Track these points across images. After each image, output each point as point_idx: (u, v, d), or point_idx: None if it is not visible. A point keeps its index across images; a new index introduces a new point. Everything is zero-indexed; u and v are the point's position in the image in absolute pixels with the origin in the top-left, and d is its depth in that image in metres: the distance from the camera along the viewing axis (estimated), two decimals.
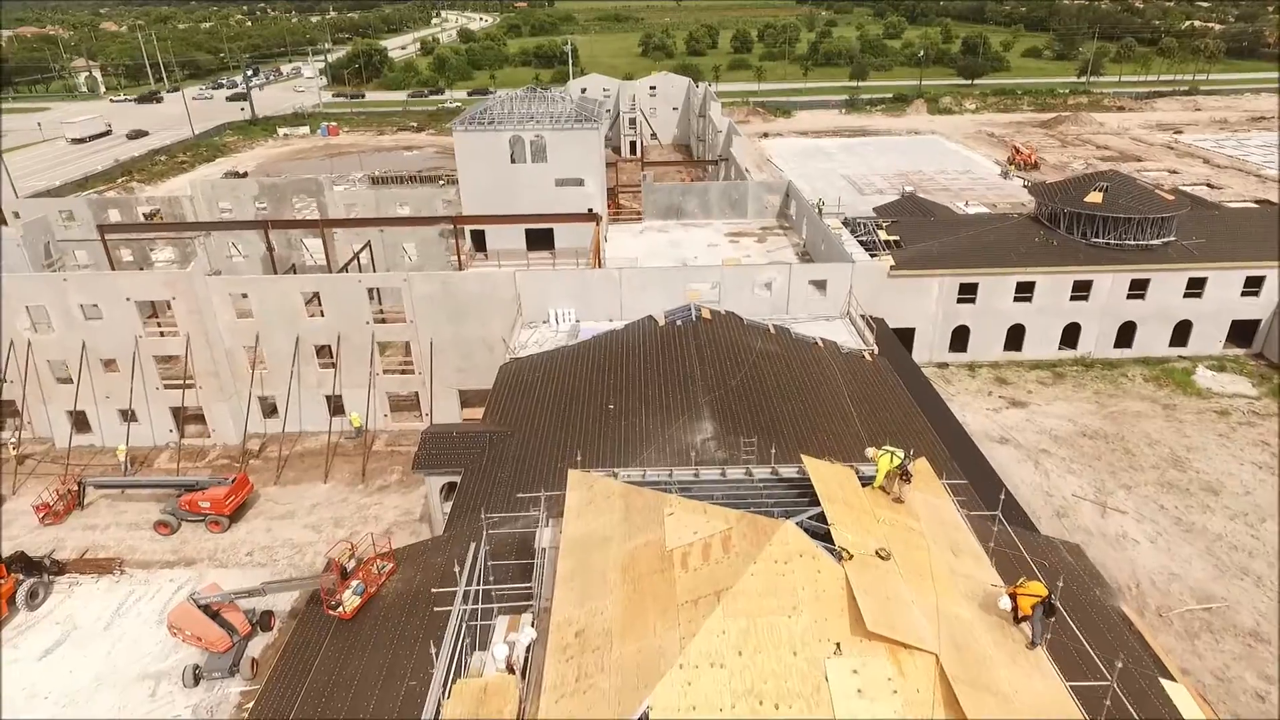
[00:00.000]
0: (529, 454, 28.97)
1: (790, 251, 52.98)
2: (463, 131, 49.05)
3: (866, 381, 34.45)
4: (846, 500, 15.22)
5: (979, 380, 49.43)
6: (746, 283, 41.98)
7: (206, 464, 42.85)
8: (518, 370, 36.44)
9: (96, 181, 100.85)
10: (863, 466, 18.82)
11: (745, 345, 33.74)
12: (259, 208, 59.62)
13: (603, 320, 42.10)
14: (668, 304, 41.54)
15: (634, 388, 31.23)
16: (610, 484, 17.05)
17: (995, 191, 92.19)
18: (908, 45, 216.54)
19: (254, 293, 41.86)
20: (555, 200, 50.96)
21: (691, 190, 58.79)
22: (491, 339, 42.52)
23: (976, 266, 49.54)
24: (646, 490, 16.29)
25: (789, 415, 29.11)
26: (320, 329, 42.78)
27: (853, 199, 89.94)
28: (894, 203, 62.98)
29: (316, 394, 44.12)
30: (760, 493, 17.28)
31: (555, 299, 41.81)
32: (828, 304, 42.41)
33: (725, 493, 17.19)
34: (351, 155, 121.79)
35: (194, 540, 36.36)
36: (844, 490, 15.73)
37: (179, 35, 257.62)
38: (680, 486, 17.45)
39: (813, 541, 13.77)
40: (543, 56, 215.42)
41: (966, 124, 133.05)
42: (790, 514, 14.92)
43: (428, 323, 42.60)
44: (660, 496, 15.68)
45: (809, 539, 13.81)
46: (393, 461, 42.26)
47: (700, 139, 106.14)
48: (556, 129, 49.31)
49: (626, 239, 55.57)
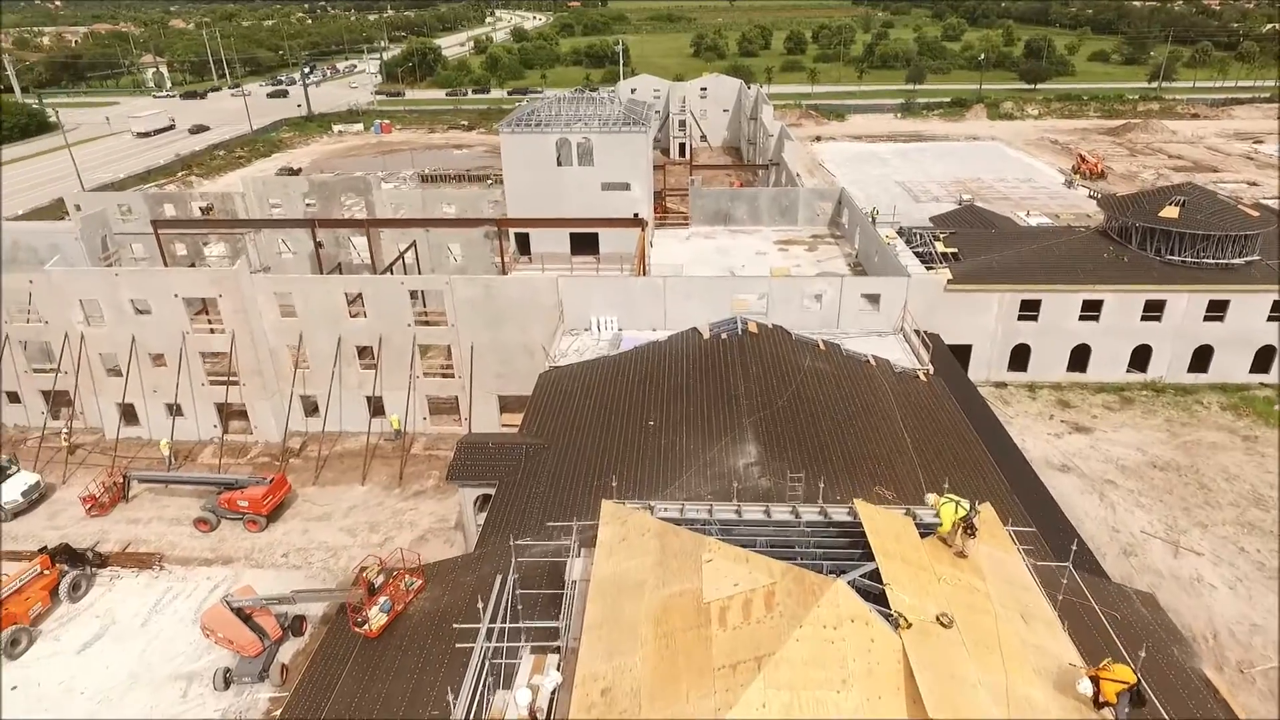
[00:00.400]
0: (565, 469, 28.05)
1: (842, 262, 51.20)
2: (509, 133, 48.50)
3: (921, 404, 32.71)
4: (904, 555, 13.86)
5: (1040, 402, 47.01)
6: (795, 295, 40.49)
7: (248, 461, 43.05)
8: (557, 379, 35.60)
9: (157, 175, 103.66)
10: (920, 510, 17.37)
11: (793, 362, 32.32)
12: (308, 205, 60.10)
13: (645, 329, 41.08)
14: (713, 315, 40.32)
15: (675, 403, 30.10)
16: (645, 520, 15.96)
17: (1059, 201, 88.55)
18: (967, 48, 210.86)
19: (298, 292, 41.87)
20: (601, 204, 50.09)
21: (740, 196, 57.37)
22: (532, 345, 41.81)
23: (1040, 282, 47.12)
24: (684, 531, 15.15)
25: (838, 440, 27.63)
26: (362, 330, 42.62)
27: (907, 207, 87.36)
28: (952, 213, 60.61)
29: (357, 395, 44.01)
30: (808, 539, 15.98)
31: (598, 306, 40.91)
32: (880, 319, 40.65)
33: (769, 537, 15.95)
34: (403, 153, 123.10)
35: (232, 539, 36.41)
36: (901, 543, 14.35)
37: (242, 32, 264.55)
38: (721, 527, 16.26)
39: (866, 604, 12.47)
40: (594, 56, 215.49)
41: (1028, 130, 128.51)
42: (841, 569, 13.63)
43: (469, 327, 42.10)
44: (698, 539, 14.53)
45: (862, 602, 12.50)
46: (430, 466, 41.85)
47: (751, 142, 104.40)
48: (604, 132, 48.42)
49: (673, 245, 54.43)
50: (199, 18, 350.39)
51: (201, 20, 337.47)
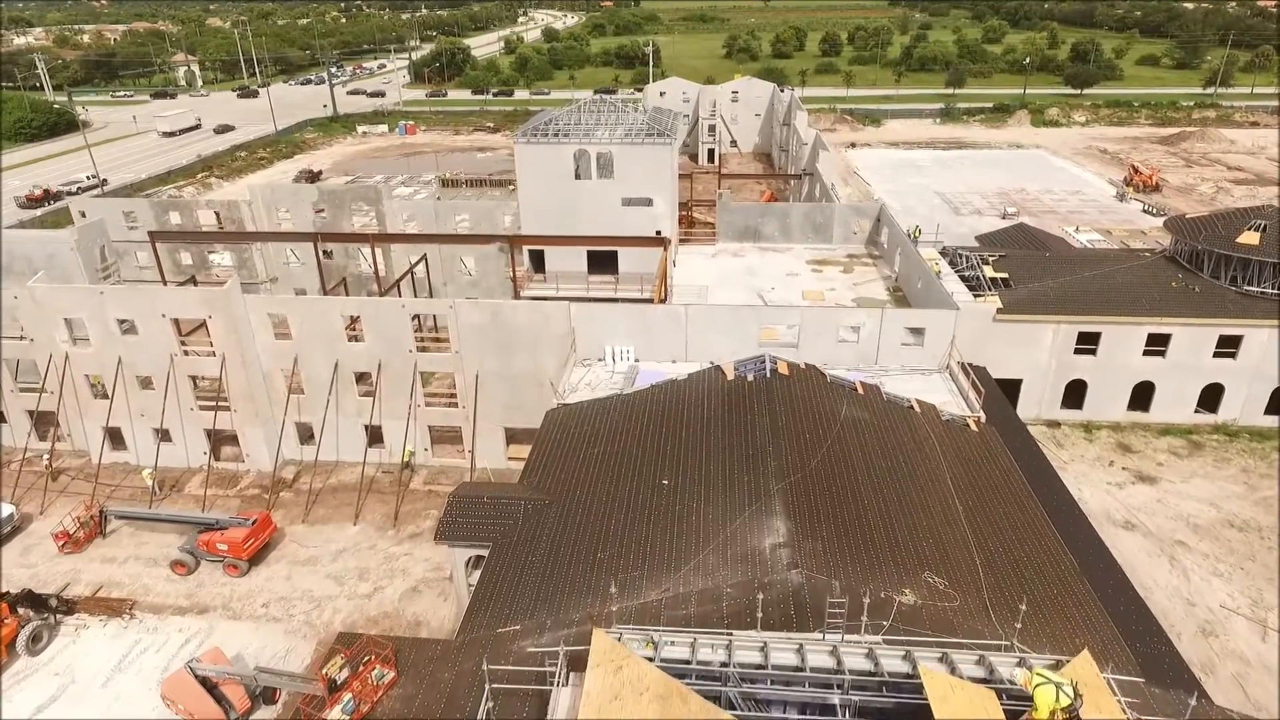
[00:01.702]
0: (566, 538, 24.69)
1: (880, 285, 47.27)
2: (524, 143, 45.31)
3: (973, 461, 28.85)
4: None
5: (1097, 445, 42.73)
6: (830, 326, 36.76)
7: (237, 493, 40.37)
8: (565, 419, 32.30)
9: (177, 176, 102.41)
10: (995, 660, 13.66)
11: (828, 410, 28.65)
12: (318, 213, 57.57)
13: (665, 360, 37.66)
14: (738, 346, 36.84)
15: (693, 458, 26.62)
16: (644, 670, 12.56)
17: (1110, 216, 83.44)
18: (1009, 51, 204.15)
19: (293, 313, 39.09)
20: (620, 220, 46.73)
21: (771, 211, 53.63)
22: (542, 374, 38.58)
23: (1100, 313, 42.90)
24: (692, 698, 11.79)
25: (880, 510, 23.93)
26: (361, 354, 39.71)
27: (947, 219, 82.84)
28: (1000, 232, 56.25)
29: (355, 423, 41.13)
30: (851, 701, 12.47)
31: (613, 335, 37.55)
32: (925, 355, 36.77)
33: (803, 698, 12.49)
34: (427, 155, 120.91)
35: (210, 583, 33.63)
36: None
37: (275, 31, 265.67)
38: (741, 674, 12.81)
39: None
40: (624, 57, 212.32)
41: (1075, 138, 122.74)
42: None
43: (474, 354, 39.00)
44: (709, 711, 11.14)
45: None
46: (428, 504, 38.81)
47: (783, 149, 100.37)
48: (625, 143, 45.03)
49: (698, 263, 50.89)
50: (235, 16, 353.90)
51: (237, 19, 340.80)
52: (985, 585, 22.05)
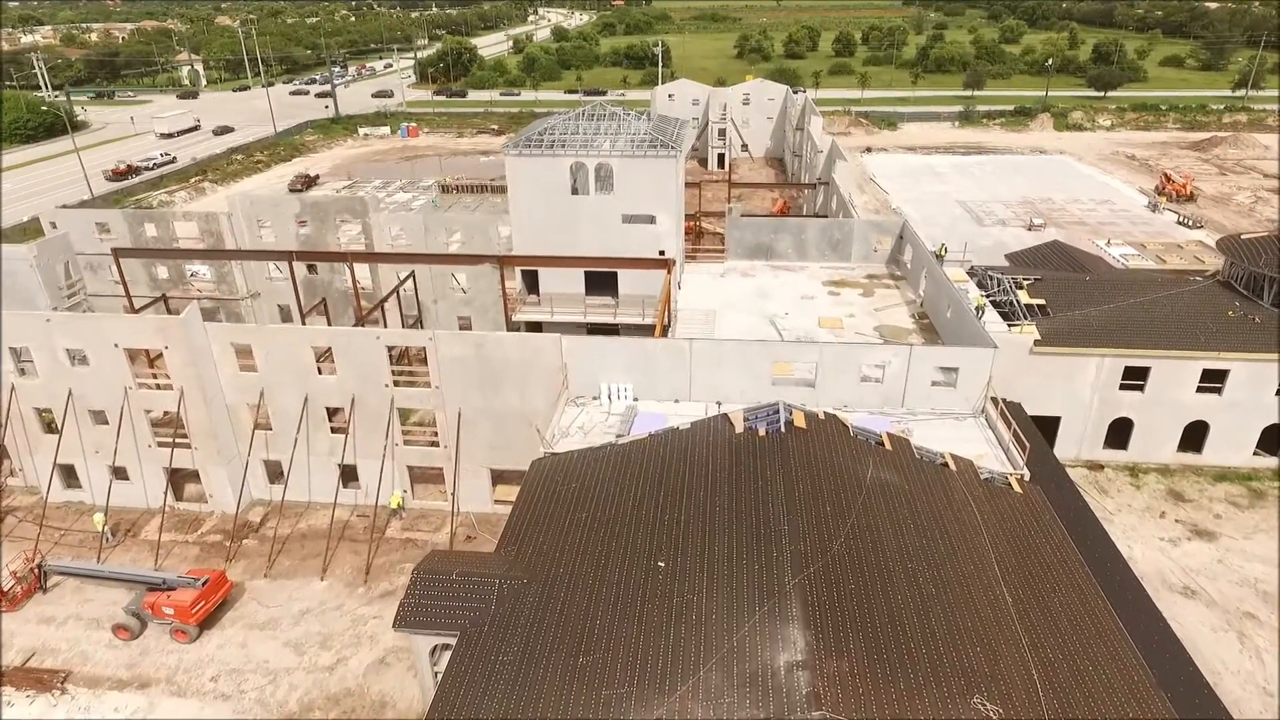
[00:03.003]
0: (543, 635, 20.93)
1: (903, 311, 43.31)
2: (516, 156, 41.58)
3: (1020, 534, 24.92)
4: None
5: (1145, 492, 38.66)
6: (851, 365, 32.86)
7: (198, 538, 36.87)
8: (552, 472, 28.57)
9: (170, 180, 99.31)
10: None
11: (852, 474, 24.80)
12: (300, 227, 54.14)
13: (666, 399, 33.90)
14: (748, 385, 33.08)
15: (694, 534, 22.85)
16: None
17: (1143, 228, 79.02)
18: (1028, 51, 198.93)
19: (258, 344, 35.53)
20: (621, 239, 42.98)
21: (785, 227, 49.74)
22: (531, 413, 34.89)
23: (1148, 345, 38.88)
24: None
25: (918, 610, 20.08)
26: (333, 388, 36.13)
27: (970, 230, 78.81)
28: (1032, 250, 52.12)
29: (327, 462, 37.59)
30: None
31: (609, 372, 33.80)
32: (958, 398, 32.82)
33: None
34: (428, 158, 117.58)
35: (155, 650, 30.12)
36: None
37: (281, 30, 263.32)
38: None
39: None
40: (633, 57, 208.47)
41: (1100, 143, 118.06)
42: None
43: (456, 389, 35.35)
44: None
45: None
46: (405, 555, 35.19)
47: (796, 154, 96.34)
48: (627, 155, 41.23)
49: (705, 283, 47.06)
50: (244, 14, 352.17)
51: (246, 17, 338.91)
52: (1046, 709, 18.18)
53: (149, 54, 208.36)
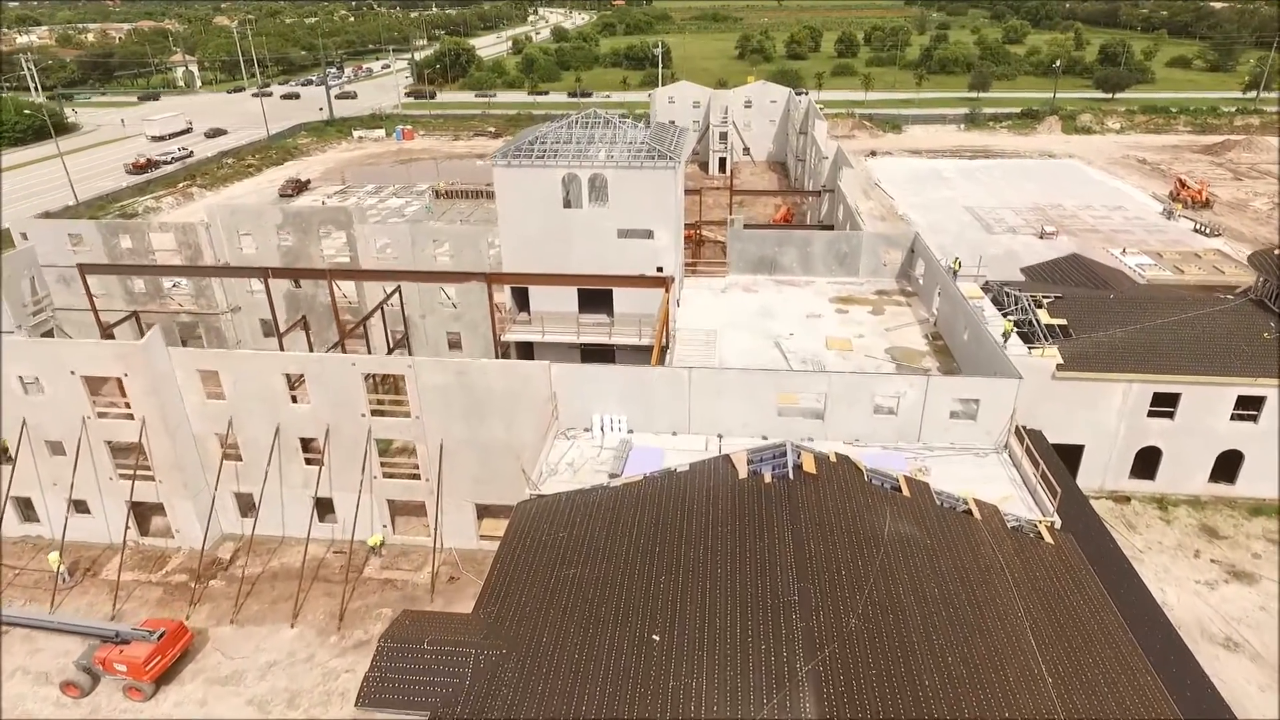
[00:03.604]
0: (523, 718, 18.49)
1: (916, 332, 40.86)
2: (505, 166, 39.12)
3: (1055, 594, 22.46)
4: None
5: (1176, 527, 36.19)
6: (864, 395, 30.40)
7: (163, 577, 34.46)
8: (538, 518, 26.13)
9: (158, 185, 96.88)
10: None
11: (868, 529, 22.36)
12: (283, 239, 51.74)
13: (663, 431, 31.46)
14: (752, 416, 30.70)
15: (693, 601, 20.42)
16: None
17: (1158, 236, 76.50)
18: (1033, 52, 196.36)
19: (225, 370, 33.10)
20: (616, 254, 40.53)
21: (790, 240, 47.29)
22: (518, 445, 32.47)
23: (1179, 370, 36.44)
24: None
25: (948, 700, 17.62)
26: (306, 417, 33.71)
27: (979, 238, 76.31)
28: (1049, 264, 49.64)
29: (301, 495, 35.15)
30: None
31: (603, 402, 31.35)
32: (978, 432, 30.35)
33: None
34: (423, 162, 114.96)
35: (107, 709, 27.75)
36: None
37: (278, 30, 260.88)
38: None
39: None
40: (634, 58, 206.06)
41: (1110, 147, 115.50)
42: None
43: (438, 420, 32.92)
44: None
45: None
46: (383, 598, 32.77)
47: (800, 159, 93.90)
48: (623, 166, 38.78)
49: (705, 301, 44.63)
50: (243, 14, 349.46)
51: (244, 17, 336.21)
52: None
53: (143, 55, 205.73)
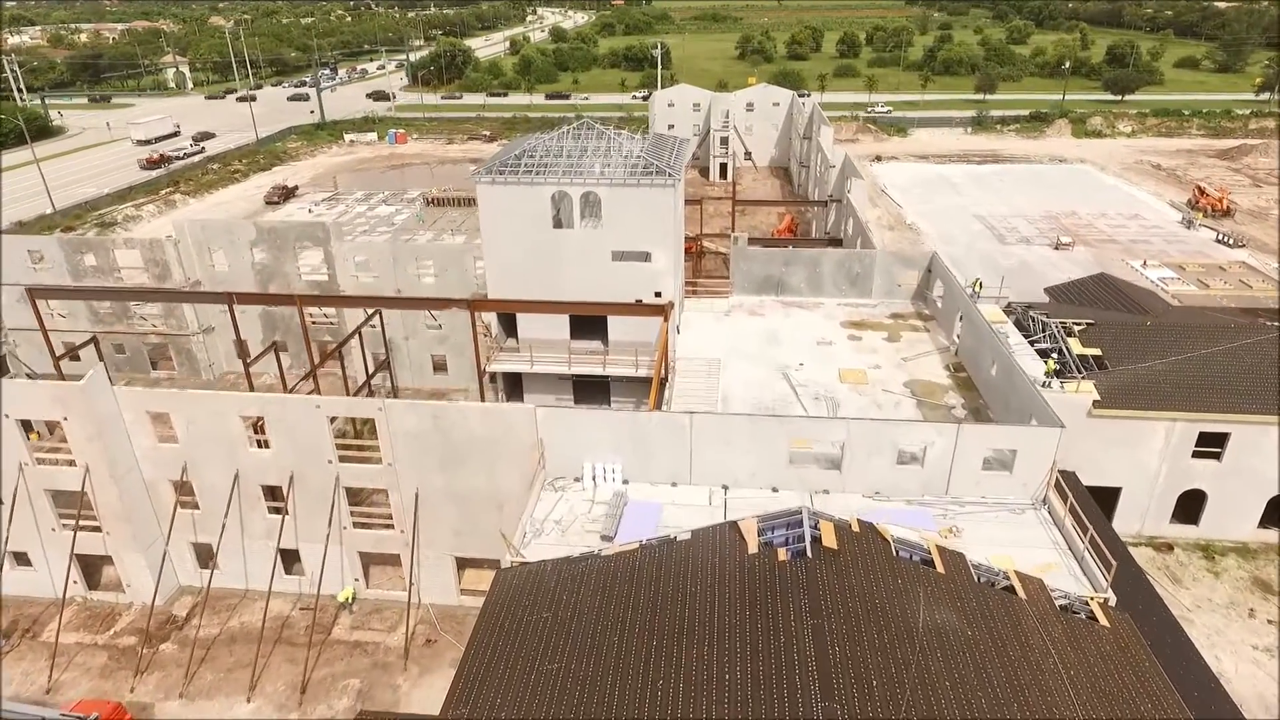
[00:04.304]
0: None
1: (935, 362, 37.68)
2: (488, 184, 35.89)
3: (1115, 696, 19.27)
4: None
5: (1226, 580, 33.02)
6: (886, 444, 27.22)
7: (110, 638, 31.27)
8: (520, 593, 22.94)
9: (138, 193, 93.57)
10: None
11: (902, 619, 19.18)
12: (257, 256, 48.58)
13: (662, 482, 28.29)
14: (760, 465, 27.67)
15: (698, 710, 17.21)
16: None
17: (1179, 247, 73.35)
18: (1038, 52, 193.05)
19: (177, 412, 29.91)
20: (611, 278, 37.34)
21: (797, 259, 44.11)
22: (502, 495, 29.33)
23: (1227, 407, 33.28)
24: None
25: None
26: (268, 464, 30.52)
27: (991, 248, 73.23)
28: (1075, 284, 46.47)
29: (265, 546, 31.97)
30: None
31: (594, 450, 28.18)
32: (1013, 484, 27.19)
33: None
34: (415, 167, 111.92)
35: None
36: None
37: (272, 31, 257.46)
38: None
39: None
40: (632, 59, 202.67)
41: (1122, 151, 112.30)
42: None
43: (413, 467, 29.74)
44: None
45: None
46: (351, 665, 29.58)
47: (804, 164, 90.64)
48: (617, 184, 35.56)
49: (707, 325, 41.46)
50: (239, 14, 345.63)
51: (240, 16, 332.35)
52: None
53: (134, 55, 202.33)
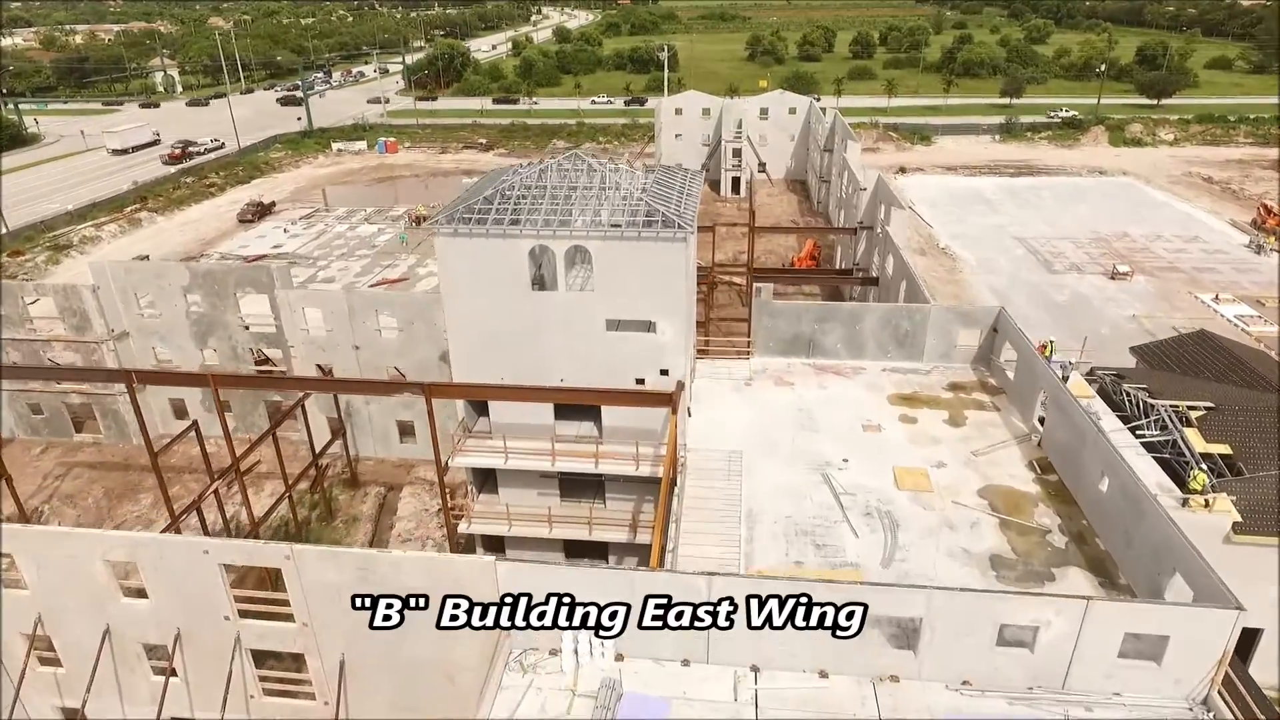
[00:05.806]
0: None
1: (1016, 456, 29.86)
2: (449, 235, 28.22)
3: None
4: None
5: None
6: (983, 621, 19.51)
7: None
8: None
9: (101, 210, 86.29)
10: None
11: None
12: (191, 304, 41.29)
13: (670, 659, 20.70)
14: (800, 642, 19.89)
15: None
16: None
17: (1251, 277, 65.24)
18: (1063, 53, 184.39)
19: (23, 554, 22.48)
20: (606, 351, 29.69)
21: (834, 316, 36.34)
22: (453, 666, 21.80)
23: None
24: None
25: None
26: (147, 618, 23.06)
27: (1039, 279, 65.36)
28: (1173, 344, 38.40)
29: (151, 713, 24.50)
30: None
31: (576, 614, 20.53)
32: (1163, 680, 19.46)
33: None
34: (405, 179, 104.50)
35: None
36: None
37: (268, 32, 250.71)
38: None
39: None
40: (638, 60, 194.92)
41: (1167, 161, 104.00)
42: None
43: (334, 630, 22.21)
44: None
45: None
46: None
47: (823, 179, 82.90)
48: (613, 237, 27.87)
49: (724, 397, 33.80)
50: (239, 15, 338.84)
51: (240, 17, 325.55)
52: None
53: (121, 58, 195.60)
